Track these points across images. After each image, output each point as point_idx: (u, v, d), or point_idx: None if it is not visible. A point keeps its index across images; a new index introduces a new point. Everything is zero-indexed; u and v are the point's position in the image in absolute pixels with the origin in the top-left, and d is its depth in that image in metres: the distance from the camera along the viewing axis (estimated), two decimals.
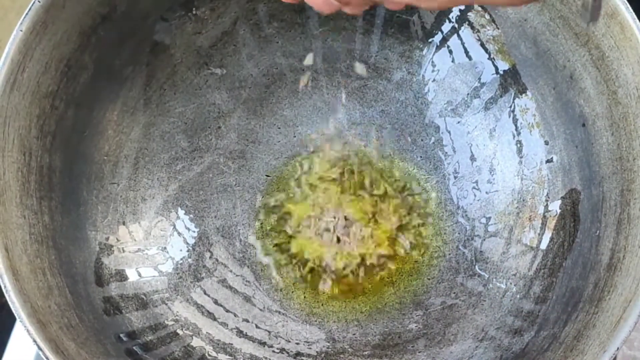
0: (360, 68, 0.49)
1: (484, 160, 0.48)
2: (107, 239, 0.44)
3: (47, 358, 0.35)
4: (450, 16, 0.46)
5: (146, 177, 0.47)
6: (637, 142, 0.38)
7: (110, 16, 0.42)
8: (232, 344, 0.44)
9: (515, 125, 0.47)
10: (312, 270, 0.48)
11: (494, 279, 0.45)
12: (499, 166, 0.47)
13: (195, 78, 0.48)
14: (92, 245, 0.43)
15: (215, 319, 0.45)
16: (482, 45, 0.46)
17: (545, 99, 0.45)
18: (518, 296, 0.43)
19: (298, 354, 0.44)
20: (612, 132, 0.40)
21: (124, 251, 0.45)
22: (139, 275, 0.45)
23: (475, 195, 0.48)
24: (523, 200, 0.46)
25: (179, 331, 0.43)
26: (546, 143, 0.45)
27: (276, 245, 0.49)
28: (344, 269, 0.48)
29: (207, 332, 0.44)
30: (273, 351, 0.44)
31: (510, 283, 0.44)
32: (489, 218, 0.47)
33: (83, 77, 0.42)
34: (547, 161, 0.45)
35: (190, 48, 0.47)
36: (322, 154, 0.50)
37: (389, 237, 0.48)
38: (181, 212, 0.48)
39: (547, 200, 0.45)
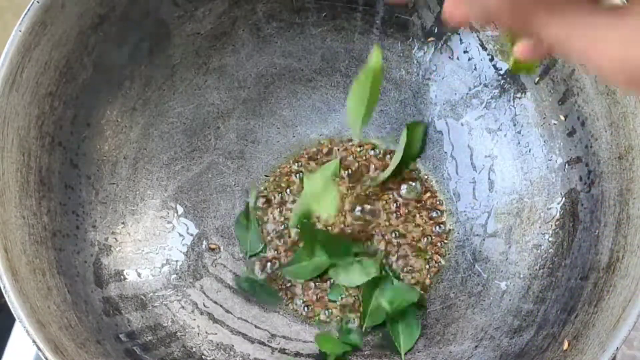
0: None
1: (484, 160, 0.48)
2: (107, 239, 0.44)
3: (46, 358, 0.35)
4: None
5: (145, 177, 0.47)
6: (636, 141, 0.38)
7: (109, 17, 0.42)
8: (231, 344, 0.44)
9: (515, 125, 0.47)
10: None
11: (494, 279, 0.45)
12: (499, 166, 0.47)
13: (194, 78, 0.48)
14: (91, 246, 0.43)
15: (214, 319, 0.45)
16: (482, 45, 0.46)
17: (544, 98, 0.45)
18: (517, 296, 0.43)
19: (297, 354, 0.44)
20: (611, 131, 0.40)
21: (123, 251, 0.45)
22: (138, 275, 0.45)
23: (474, 195, 0.48)
24: (522, 200, 0.46)
25: (178, 331, 0.43)
26: (545, 143, 0.45)
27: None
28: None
29: (206, 332, 0.44)
30: (273, 351, 0.44)
31: (510, 283, 0.44)
32: (489, 218, 0.47)
33: (82, 77, 0.42)
34: (547, 161, 0.45)
35: (189, 48, 0.47)
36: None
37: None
38: (180, 212, 0.48)
39: (546, 200, 0.45)
